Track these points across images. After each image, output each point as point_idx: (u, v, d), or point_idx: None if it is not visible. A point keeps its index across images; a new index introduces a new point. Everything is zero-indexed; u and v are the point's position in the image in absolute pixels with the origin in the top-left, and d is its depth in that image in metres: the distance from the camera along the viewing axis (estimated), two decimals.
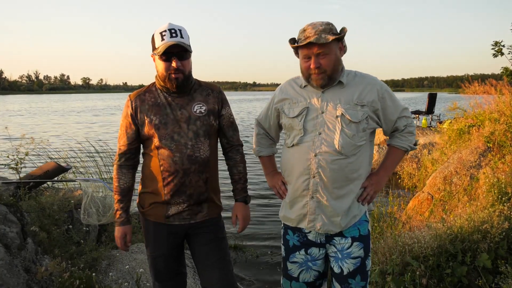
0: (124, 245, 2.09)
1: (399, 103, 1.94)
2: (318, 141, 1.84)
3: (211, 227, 2.08)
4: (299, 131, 1.89)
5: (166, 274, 2.12)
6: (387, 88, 1.93)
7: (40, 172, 3.98)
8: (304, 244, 1.97)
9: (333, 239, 1.91)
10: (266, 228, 5.73)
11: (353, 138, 1.82)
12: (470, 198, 4.24)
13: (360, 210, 1.92)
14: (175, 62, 1.88)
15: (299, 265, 1.99)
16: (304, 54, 1.83)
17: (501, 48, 6.30)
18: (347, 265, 1.89)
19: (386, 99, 1.89)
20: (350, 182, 1.86)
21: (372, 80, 1.92)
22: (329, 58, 1.80)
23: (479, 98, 6.80)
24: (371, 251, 1.96)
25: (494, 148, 4.90)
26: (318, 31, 1.76)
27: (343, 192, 1.85)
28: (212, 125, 2.04)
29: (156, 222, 2.05)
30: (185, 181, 1.97)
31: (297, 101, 1.94)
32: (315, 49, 1.78)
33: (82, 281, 2.67)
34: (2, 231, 2.72)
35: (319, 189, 1.84)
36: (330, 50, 1.79)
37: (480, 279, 2.61)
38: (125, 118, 2.02)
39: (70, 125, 22.84)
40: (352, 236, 1.89)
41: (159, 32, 1.89)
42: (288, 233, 2.03)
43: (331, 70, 1.82)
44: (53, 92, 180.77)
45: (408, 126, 1.95)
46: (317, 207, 1.86)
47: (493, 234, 2.87)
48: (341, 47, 1.87)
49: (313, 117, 1.88)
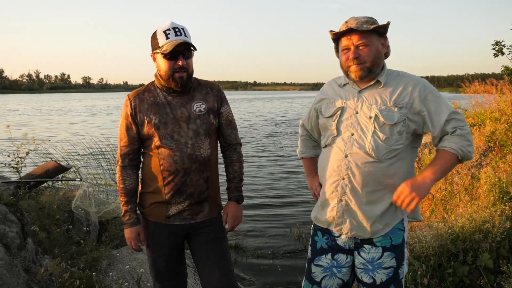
0: (137, 245, 2.07)
1: (446, 105, 1.76)
2: (350, 142, 1.77)
3: (211, 227, 2.07)
4: (333, 131, 1.83)
5: (167, 274, 2.11)
6: (432, 88, 1.78)
7: (40, 172, 3.97)
8: (332, 248, 1.89)
9: (363, 246, 1.82)
10: (268, 228, 5.72)
11: (386, 141, 1.71)
12: (471, 197, 4.24)
13: (394, 218, 1.79)
14: (181, 60, 1.86)
15: (323, 269, 1.91)
16: (344, 45, 1.77)
17: (501, 47, 6.28)
18: (380, 275, 1.80)
19: (430, 100, 1.74)
20: (384, 187, 1.74)
21: (414, 79, 1.79)
22: (370, 49, 1.73)
23: (480, 97, 6.80)
24: (406, 258, 1.86)
25: (495, 148, 4.89)
26: (360, 22, 1.71)
27: (374, 197, 1.76)
28: (212, 123, 2.02)
29: (156, 222, 2.04)
30: (186, 181, 1.96)
31: (334, 101, 1.88)
32: (356, 39, 1.72)
33: (82, 281, 2.66)
34: (2, 231, 2.72)
35: (348, 192, 1.77)
36: (370, 41, 1.73)
37: (482, 278, 2.60)
38: (125, 118, 2.00)
39: (70, 125, 22.84)
40: (383, 246, 1.79)
41: (162, 30, 1.87)
42: (317, 234, 1.96)
43: (371, 62, 1.74)
44: (54, 91, 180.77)
45: (459, 128, 1.73)
46: (346, 211, 1.79)
47: (494, 234, 2.86)
48: (384, 43, 1.80)
49: (347, 117, 1.81)
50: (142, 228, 2.08)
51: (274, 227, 5.79)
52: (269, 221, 6.05)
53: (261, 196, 7.50)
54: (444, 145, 1.73)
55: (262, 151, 13.07)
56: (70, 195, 4.00)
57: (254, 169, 10.00)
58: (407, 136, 1.75)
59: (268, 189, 8.00)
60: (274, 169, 9.99)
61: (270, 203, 6.98)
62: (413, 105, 1.73)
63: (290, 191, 7.86)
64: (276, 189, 8.08)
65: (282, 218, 6.20)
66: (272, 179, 8.92)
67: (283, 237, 5.41)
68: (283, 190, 7.94)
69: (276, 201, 7.17)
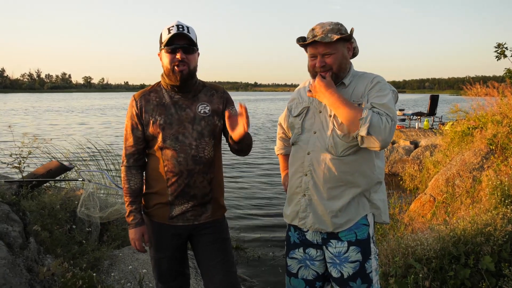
0: (141, 246, 2.06)
1: (387, 99, 1.74)
2: (312, 140, 1.88)
3: (214, 227, 2.07)
4: (298, 130, 1.96)
5: (170, 275, 2.11)
6: (381, 83, 1.80)
7: (43, 171, 3.97)
8: (303, 243, 1.99)
9: (330, 241, 1.90)
10: (268, 229, 5.73)
11: (344, 138, 1.80)
12: (473, 200, 4.24)
13: (357, 214, 1.87)
14: (179, 54, 1.88)
15: (298, 261, 2.01)
16: (311, 53, 1.86)
17: (504, 50, 6.28)
18: (346, 269, 1.88)
19: (373, 89, 1.79)
20: (344, 184, 1.84)
21: (370, 77, 1.86)
22: (335, 57, 1.81)
23: (481, 100, 6.79)
24: (374, 253, 1.92)
25: (496, 151, 4.89)
26: (326, 31, 1.79)
27: (335, 193, 1.85)
28: (216, 125, 2.03)
29: (159, 223, 2.04)
30: (189, 182, 1.96)
31: (302, 101, 2.00)
32: (321, 49, 1.81)
33: (85, 281, 2.66)
34: (4, 230, 2.72)
35: (310, 187, 1.87)
36: (336, 49, 1.81)
37: (483, 281, 2.60)
38: (131, 118, 2.01)
39: (72, 124, 22.84)
40: (348, 240, 1.87)
41: (167, 28, 1.90)
42: (290, 229, 2.07)
43: (337, 68, 1.83)
44: (55, 91, 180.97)
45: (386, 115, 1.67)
46: (308, 205, 1.89)
47: (496, 237, 2.86)
48: (350, 47, 1.87)
49: (311, 116, 1.93)
50: (145, 229, 2.07)
51: (276, 228, 5.79)
52: (270, 222, 6.05)
53: (262, 196, 7.50)
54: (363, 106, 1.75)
55: (264, 153, 13.07)
56: (72, 194, 4.01)
57: (254, 168, 10.01)
58: None
59: (270, 191, 8.00)
60: (275, 167, 9.99)
61: (271, 204, 6.98)
62: (362, 98, 1.80)
63: None
64: (277, 188, 8.09)
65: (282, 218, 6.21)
66: (270, 178, 8.93)
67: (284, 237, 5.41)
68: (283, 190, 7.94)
69: (278, 202, 7.17)
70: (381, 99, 1.74)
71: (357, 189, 1.86)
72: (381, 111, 1.69)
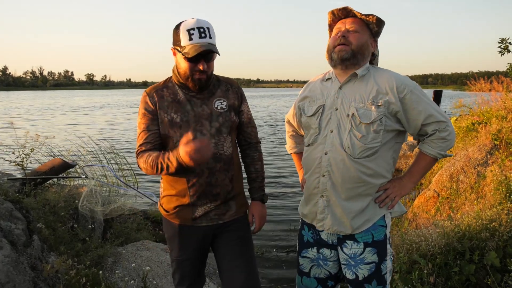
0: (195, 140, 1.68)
1: (428, 105, 1.73)
2: (330, 140, 1.79)
3: (238, 224, 2.00)
4: (315, 130, 1.85)
5: (191, 277, 2.03)
6: (414, 87, 1.74)
7: (46, 169, 3.97)
8: (317, 243, 1.93)
9: (345, 242, 1.84)
10: (272, 227, 5.71)
11: (362, 139, 1.72)
12: (477, 196, 4.21)
13: (375, 215, 1.82)
14: (202, 65, 1.78)
15: (310, 260, 1.96)
16: (337, 27, 1.81)
17: (507, 45, 6.23)
18: (362, 271, 1.82)
19: (408, 100, 1.71)
20: (363, 184, 1.76)
21: (394, 77, 1.75)
22: (359, 35, 1.75)
23: (485, 95, 6.75)
24: (389, 254, 1.86)
25: (501, 146, 4.85)
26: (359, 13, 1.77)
27: (354, 194, 1.78)
28: (233, 121, 1.95)
29: (182, 225, 1.95)
30: (211, 181, 1.88)
31: (316, 99, 1.89)
32: (349, 23, 1.77)
33: (89, 278, 2.66)
34: (8, 228, 2.72)
35: (328, 188, 1.80)
36: (362, 30, 1.77)
37: (489, 277, 2.59)
38: (145, 115, 1.88)
39: (76, 122, 22.88)
40: (364, 241, 1.81)
41: (186, 29, 1.74)
42: (304, 228, 2.01)
43: (357, 46, 1.74)
44: (57, 88, 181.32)
45: (439, 131, 1.73)
46: (327, 207, 1.82)
47: (501, 232, 2.85)
48: (373, 43, 1.83)
49: (327, 114, 1.82)
50: (167, 231, 2.02)
51: (279, 225, 5.78)
52: (274, 219, 6.04)
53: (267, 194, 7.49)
54: (424, 149, 1.81)
55: (268, 152, 13.04)
56: (75, 192, 4.01)
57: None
58: (385, 134, 1.75)
59: (274, 188, 7.99)
60: (280, 164, 9.98)
61: (276, 202, 6.97)
62: (391, 104, 1.72)
63: (295, 187, 7.86)
64: (282, 185, 8.08)
65: (287, 213, 6.24)
66: (277, 176, 8.92)
67: (288, 234, 5.41)
68: (287, 187, 7.94)
69: (283, 200, 7.16)
70: (426, 111, 1.72)
71: (375, 189, 1.80)
72: (439, 129, 1.73)
